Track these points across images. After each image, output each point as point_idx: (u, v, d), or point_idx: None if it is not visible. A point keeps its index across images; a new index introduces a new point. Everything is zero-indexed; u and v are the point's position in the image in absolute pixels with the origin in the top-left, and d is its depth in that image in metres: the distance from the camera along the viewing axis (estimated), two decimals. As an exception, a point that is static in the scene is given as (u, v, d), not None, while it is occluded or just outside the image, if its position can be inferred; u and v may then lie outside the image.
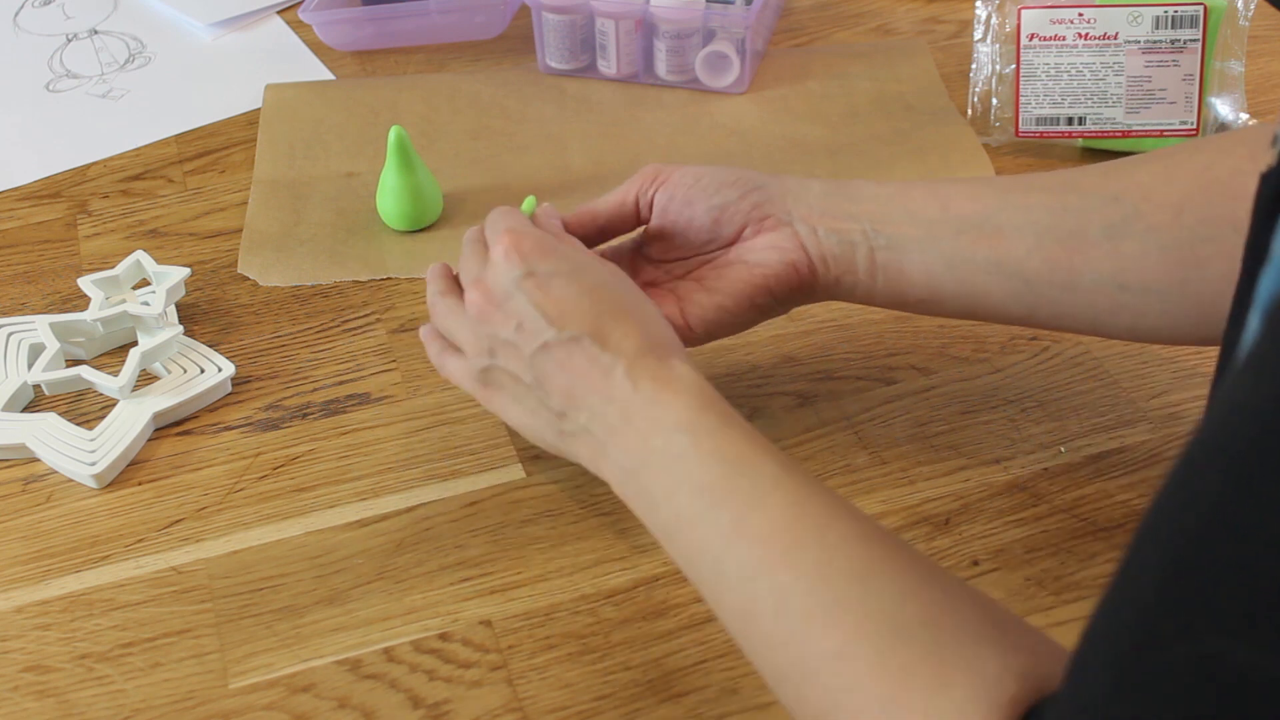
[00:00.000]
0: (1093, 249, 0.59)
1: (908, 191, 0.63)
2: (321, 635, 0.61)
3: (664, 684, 0.59)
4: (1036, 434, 0.70)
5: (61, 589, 0.64)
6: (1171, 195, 0.58)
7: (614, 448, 0.55)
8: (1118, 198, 0.59)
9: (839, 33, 1.04)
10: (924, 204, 0.62)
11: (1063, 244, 0.60)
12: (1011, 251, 0.60)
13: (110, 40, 1.07)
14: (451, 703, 0.58)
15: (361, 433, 0.71)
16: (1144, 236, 0.58)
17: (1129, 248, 0.59)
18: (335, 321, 0.78)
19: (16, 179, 0.92)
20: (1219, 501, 0.32)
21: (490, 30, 1.04)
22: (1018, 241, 0.60)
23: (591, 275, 0.58)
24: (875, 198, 0.63)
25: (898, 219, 0.62)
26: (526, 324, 0.57)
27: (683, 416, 0.53)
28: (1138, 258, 0.58)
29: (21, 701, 0.59)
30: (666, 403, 0.53)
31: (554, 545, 0.65)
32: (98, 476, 0.68)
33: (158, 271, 0.77)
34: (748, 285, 0.64)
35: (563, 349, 0.56)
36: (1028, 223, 0.60)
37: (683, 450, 0.52)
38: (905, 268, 0.62)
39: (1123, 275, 0.59)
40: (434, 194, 0.84)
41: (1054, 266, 0.60)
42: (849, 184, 0.64)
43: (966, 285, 0.62)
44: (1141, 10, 0.85)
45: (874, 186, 0.64)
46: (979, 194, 0.62)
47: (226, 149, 0.94)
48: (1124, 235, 0.59)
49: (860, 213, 0.63)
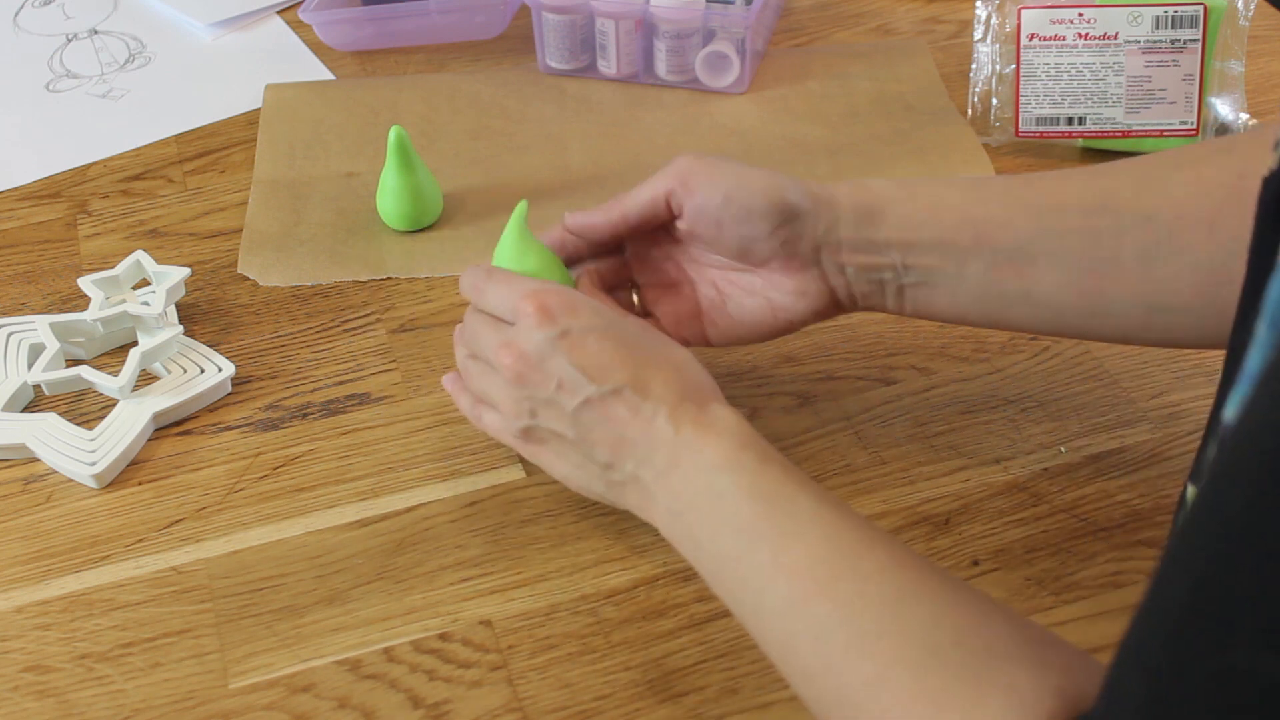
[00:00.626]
0: (1125, 275, 0.58)
1: (939, 214, 0.61)
2: (321, 635, 0.61)
3: (664, 684, 0.59)
4: (1036, 434, 0.70)
5: (61, 589, 0.64)
6: (1205, 210, 0.57)
7: (661, 492, 0.56)
8: (1151, 218, 0.58)
9: (839, 33, 1.04)
10: (956, 232, 0.60)
11: (1095, 272, 0.59)
12: (1042, 283, 0.60)
13: (110, 40, 1.07)
14: (451, 703, 0.58)
15: (361, 433, 0.71)
16: (1177, 257, 0.57)
17: (1162, 271, 0.58)
18: (335, 321, 0.78)
19: (16, 179, 0.92)
20: (1245, 517, 0.32)
21: (490, 30, 1.04)
22: (1049, 273, 0.60)
23: (622, 328, 0.58)
24: (907, 223, 0.61)
25: (928, 251, 0.61)
26: (566, 382, 0.57)
27: (723, 457, 0.54)
28: (1170, 280, 0.58)
29: (21, 701, 0.59)
30: (708, 445, 0.54)
31: (554, 545, 0.65)
32: (98, 476, 0.68)
33: (158, 271, 0.77)
34: (769, 324, 0.65)
35: (604, 403, 0.56)
36: (1061, 251, 0.59)
37: (724, 490, 0.53)
38: (934, 300, 0.62)
39: (1154, 298, 0.58)
40: (434, 194, 0.84)
41: (1085, 294, 0.60)
42: (881, 204, 0.61)
43: (994, 314, 0.62)
44: (1141, 10, 0.85)
45: (906, 206, 0.61)
46: (1013, 219, 0.60)
47: (226, 149, 0.94)
48: (1157, 258, 0.58)
49: (890, 242, 0.61)
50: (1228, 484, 0.34)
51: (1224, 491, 0.34)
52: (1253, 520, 0.32)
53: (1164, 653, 0.34)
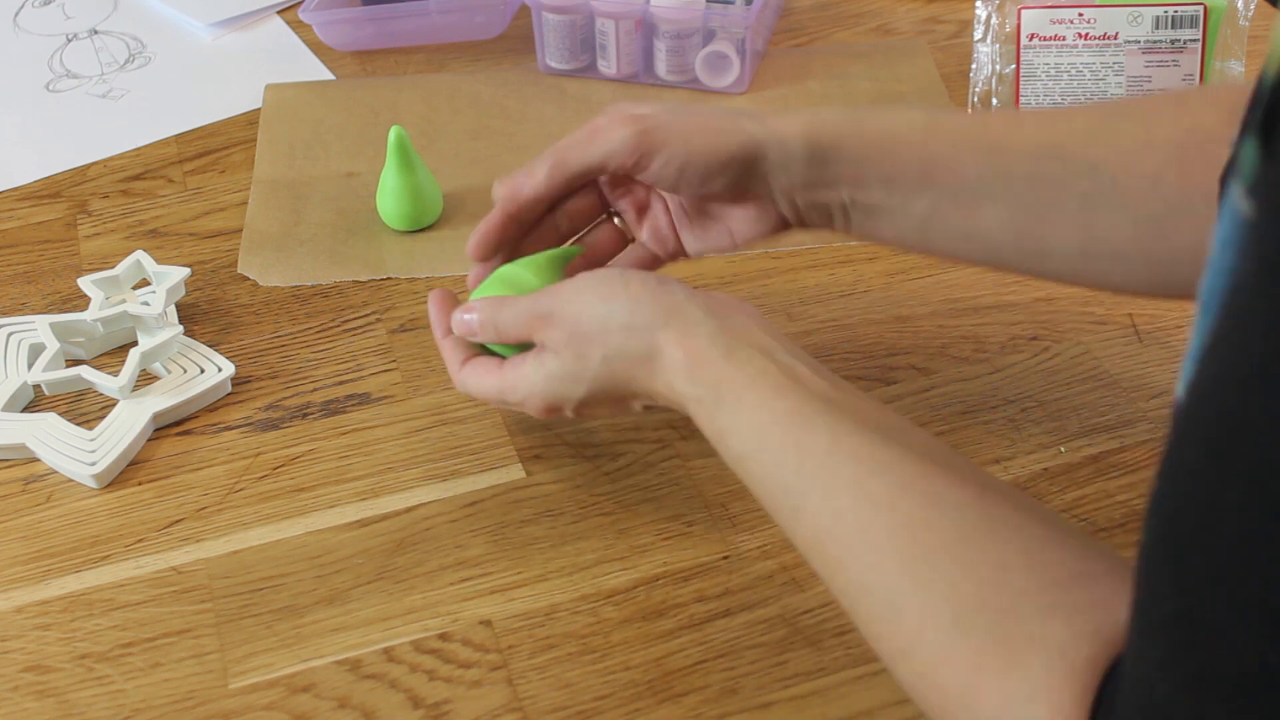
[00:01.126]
0: (1066, 220, 0.60)
1: (889, 151, 0.62)
2: (321, 635, 0.61)
3: (664, 684, 0.59)
4: (1036, 434, 0.70)
5: (61, 589, 0.64)
6: (1150, 164, 0.58)
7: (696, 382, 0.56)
8: (1096, 168, 0.59)
9: (839, 33, 1.04)
10: (904, 169, 0.61)
11: (1037, 216, 0.60)
12: (985, 222, 0.61)
13: (110, 40, 1.07)
14: (451, 703, 0.58)
15: (361, 433, 0.71)
16: (1118, 208, 0.59)
17: (1101, 220, 0.59)
18: (335, 321, 0.78)
19: (16, 179, 0.92)
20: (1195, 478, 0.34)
21: (490, 30, 1.04)
22: (992, 213, 0.61)
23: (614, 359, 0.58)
24: (857, 160, 0.62)
25: (876, 186, 0.62)
26: (584, 412, 0.61)
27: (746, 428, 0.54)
28: (1109, 229, 0.59)
29: (21, 701, 0.59)
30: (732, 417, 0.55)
31: (554, 545, 0.65)
32: (98, 476, 0.68)
33: (158, 271, 0.77)
34: (729, 243, 0.67)
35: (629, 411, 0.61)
36: (1006, 194, 0.60)
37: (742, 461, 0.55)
38: (880, 229, 0.64)
39: (1092, 245, 0.60)
40: (434, 194, 0.84)
41: (1024, 236, 0.61)
42: (832, 140, 0.62)
43: (935, 246, 0.64)
44: (1141, 10, 0.85)
45: (856, 142, 0.62)
46: (962, 160, 0.61)
47: (226, 149, 0.94)
48: (1098, 207, 0.59)
49: (840, 178, 0.62)
50: (1176, 457, 0.35)
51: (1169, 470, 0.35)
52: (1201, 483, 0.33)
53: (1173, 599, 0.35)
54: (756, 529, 0.65)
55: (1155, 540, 0.36)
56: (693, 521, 0.66)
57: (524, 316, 0.60)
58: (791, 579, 0.63)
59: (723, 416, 0.55)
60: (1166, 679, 0.35)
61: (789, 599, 0.62)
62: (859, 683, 0.58)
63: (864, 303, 0.78)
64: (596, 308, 0.58)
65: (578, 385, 0.59)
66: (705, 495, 0.67)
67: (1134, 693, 0.37)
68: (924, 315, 0.77)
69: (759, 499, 0.54)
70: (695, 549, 0.64)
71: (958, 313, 0.77)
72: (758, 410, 0.53)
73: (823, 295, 0.79)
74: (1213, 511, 0.33)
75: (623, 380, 0.58)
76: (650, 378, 0.57)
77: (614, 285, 0.58)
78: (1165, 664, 0.35)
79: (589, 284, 0.59)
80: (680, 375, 0.56)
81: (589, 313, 0.58)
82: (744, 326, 0.57)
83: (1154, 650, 0.36)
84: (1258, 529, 0.31)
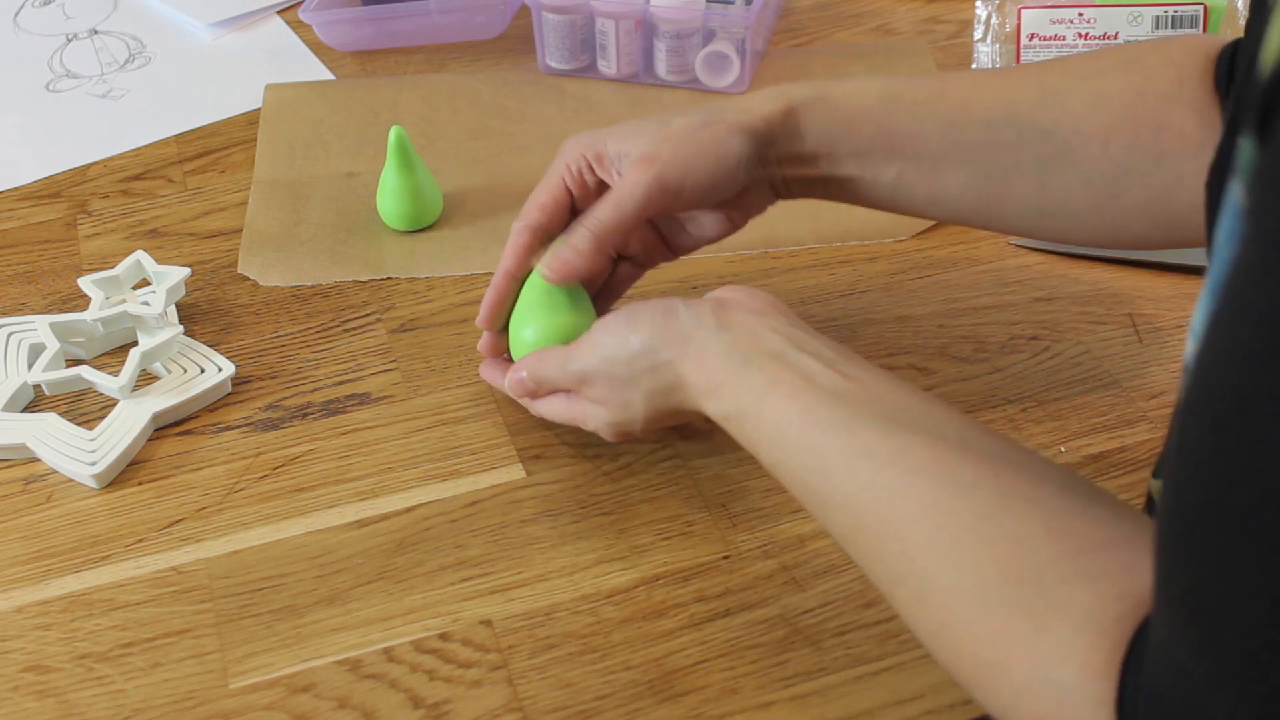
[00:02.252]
0: (1023, 182, 0.64)
1: (855, 126, 0.65)
2: (321, 635, 0.61)
3: (664, 684, 0.59)
4: (1036, 434, 0.70)
5: (62, 589, 0.64)
6: (1101, 126, 0.62)
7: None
8: (1050, 132, 0.62)
9: (839, 33, 1.04)
10: (871, 144, 0.65)
11: (995, 179, 0.64)
12: (947, 187, 0.65)
13: (110, 40, 1.07)
14: (452, 703, 0.58)
15: (361, 433, 0.71)
16: (1071, 170, 0.63)
17: (1056, 180, 0.63)
18: (335, 321, 0.78)
19: (16, 179, 0.92)
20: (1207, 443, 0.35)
21: (490, 30, 1.04)
22: (953, 179, 0.65)
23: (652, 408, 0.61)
24: (826, 136, 0.65)
25: (846, 160, 0.65)
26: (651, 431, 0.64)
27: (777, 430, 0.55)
28: (1063, 189, 0.63)
29: (22, 701, 0.59)
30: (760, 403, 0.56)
31: (554, 545, 0.65)
32: (98, 476, 0.68)
33: (158, 271, 0.77)
34: (727, 230, 0.69)
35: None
36: (966, 160, 0.64)
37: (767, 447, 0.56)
38: (854, 196, 0.68)
39: (1048, 204, 0.64)
40: (434, 194, 0.84)
41: (985, 198, 0.65)
42: (801, 116, 0.65)
43: (903, 208, 0.67)
44: (1141, 10, 0.85)
45: (823, 117, 0.65)
46: (923, 131, 0.64)
47: (226, 149, 0.94)
48: (1053, 169, 0.63)
49: (815, 154, 0.66)
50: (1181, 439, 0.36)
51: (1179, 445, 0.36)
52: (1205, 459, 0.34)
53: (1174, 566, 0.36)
54: (756, 529, 0.65)
55: (1169, 515, 0.37)
56: (693, 521, 0.66)
57: (563, 376, 0.63)
58: (792, 579, 0.63)
59: (750, 431, 0.56)
60: (1186, 642, 0.35)
61: (789, 599, 0.62)
62: (859, 682, 0.58)
63: (864, 303, 0.78)
64: (619, 358, 0.61)
65: (634, 423, 0.62)
66: (705, 495, 0.67)
67: (1159, 653, 0.38)
68: (924, 315, 0.77)
69: (801, 504, 0.55)
70: (695, 549, 0.64)
71: (958, 313, 0.77)
72: (776, 419, 0.55)
73: (823, 295, 0.79)
74: (1217, 487, 0.34)
75: (670, 408, 0.61)
76: (690, 402, 0.59)
77: (625, 331, 0.61)
78: (1185, 628, 0.36)
79: (604, 335, 0.62)
80: (707, 399, 0.58)
81: (614, 365, 0.61)
82: (753, 331, 0.58)
83: (1175, 615, 0.36)
84: (1259, 505, 0.32)
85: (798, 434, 0.54)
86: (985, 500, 0.47)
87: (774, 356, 0.56)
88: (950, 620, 0.46)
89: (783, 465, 0.55)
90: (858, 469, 0.51)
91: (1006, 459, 0.49)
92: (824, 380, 0.54)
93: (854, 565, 0.63)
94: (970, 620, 0.45)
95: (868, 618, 0.61)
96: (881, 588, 0.51)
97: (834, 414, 0.53)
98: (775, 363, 0.56)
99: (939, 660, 0.48)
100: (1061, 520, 0.45)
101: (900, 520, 0.49)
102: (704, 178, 0.64)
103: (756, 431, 0.56)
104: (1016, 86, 0.64)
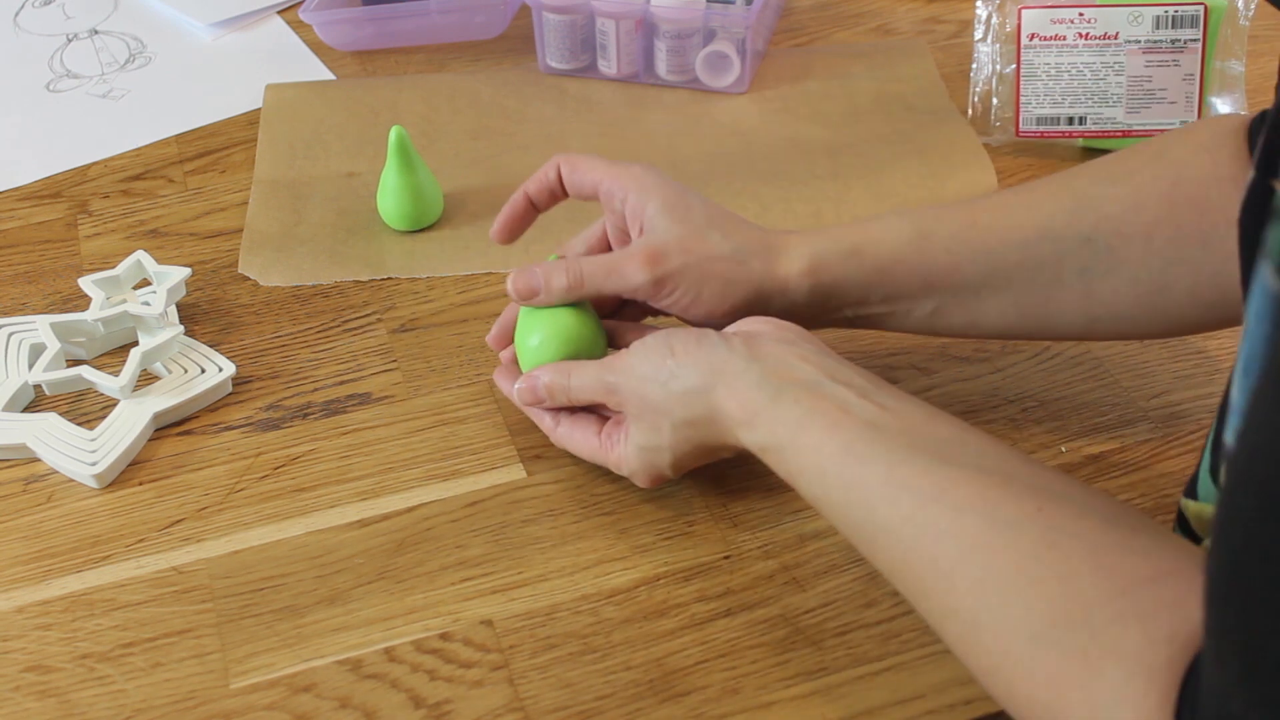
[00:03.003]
0: (1067, 293, 0.62)
1: (889, 273, 0.64)
2: (322, 635, 0.61)
3: (665, 684, 0.59)
4: (1036, 434, 0.70)
5: (62, 589, 0.64)
6: (1140, 225, 0.60)
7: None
8: (1090, 239, 0.61)
9: (839, 33, 1.04)
10: (904, 286, 0.64)
11: (1038, 297, 0.63)
12: (988, 312, 0.64)
13: (110, 40, 1.07)
14: (453, 703, 0.58)
15: (362, 433, 0.71)
16: (1116, 272, 0.61)
17: (1101, 285, 0.62)
18: (336, 321, 0.78)
19: (17, 179, 0.92)
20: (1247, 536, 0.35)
21: (490, 30, 1.04)
22: (994, 303, 0.63)
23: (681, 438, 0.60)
24: (857, 290, 0.64)
25: (878, 304, 0.65)
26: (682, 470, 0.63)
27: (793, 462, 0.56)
28: (1109, 293, 0.62)
29: (23, 701, 0.59)
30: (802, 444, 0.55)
31: (555, 545, 0.65)
32: (98, 476, 0.68)
33: (158, 271, 0.77)
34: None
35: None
36: (1005, 284, 0.63)
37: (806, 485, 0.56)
38: (885, 327, 0.67)
39: (1095, 310, 0.62)
40: (434, 194, 0.84)
41: (1029, 317, 0.64)
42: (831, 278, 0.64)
43: (941, 332, 0.66)
44: (1142, 10, 0.85)
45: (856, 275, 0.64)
46: (959, 265, 0.63)
47: (227, 149, 0.94)
48: (1096, 274, 0.61)
49: (842, 306, 0.65)
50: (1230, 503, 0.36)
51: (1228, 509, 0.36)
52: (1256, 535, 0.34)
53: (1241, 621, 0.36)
54: (757, 529, 0.65)
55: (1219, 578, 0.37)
56: (693, 521, 0.66)
57: (595, 385, 0.63)
58: (792, 579, 0.63)
59: (787, 462, 0.56)
60: (1240, 694, 0.36)
61: (790, 599, 0.62)
62: (860, 682, 0.58)
63: (864, 302, 0.78)
64: (652, 381, 0.60)
65: (661, 454, 0.61)
66: (705, 495, 0.67)
67: (1214, 701, 0.38)
68: (924, 315, 0.77)
69: (846, 537, 0.55)
70: (696, 549, 0.64)
71: (958, 312, 0.77)
72: (814, 452, 0.54)
73: (823, 295, 0.79)
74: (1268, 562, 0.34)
75: (699, 439, 0.60)
76: (722, 434, 0.59)
77: (661, 353, 0.60)
78: (1238, 683, 0.36)
79: (639, 356, 0.61)
80: (742, 429, 0.57)
81: (648, 387, 0.60)
82: (785, 361, 0.57)
83: (1227, 668, 0.36)
84: None
85: (837, 467, 0.53)
86: (1031, 538, 0.47)
87: (808, 388, 0.56)
88: (1002, 662, 0.46)
89: (823, 498, 0.55)
90: (900, 503, 0.51)
91: (1049, 491, 0.49)
92: (859, 411, 0.54)
93: (855, 565, 0.63)
94: (1021, 661, 0.45)
95: (869, 617, 0.61)
96: (930, 621, 0.51)
97: (872, 447, 0.53)
98: (810, 394, 0.55)
99: (993, 695, 0.48)
100: (1107, 555, 0.45)
101: (946, 559, 0.49)
102: (701, 297, 0.64)
103: (795, 463, 0.55)
104: (1047, 201, 0.63)
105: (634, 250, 0.64)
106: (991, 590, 0.47)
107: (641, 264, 0.64)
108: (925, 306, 0.64)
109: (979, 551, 0.48)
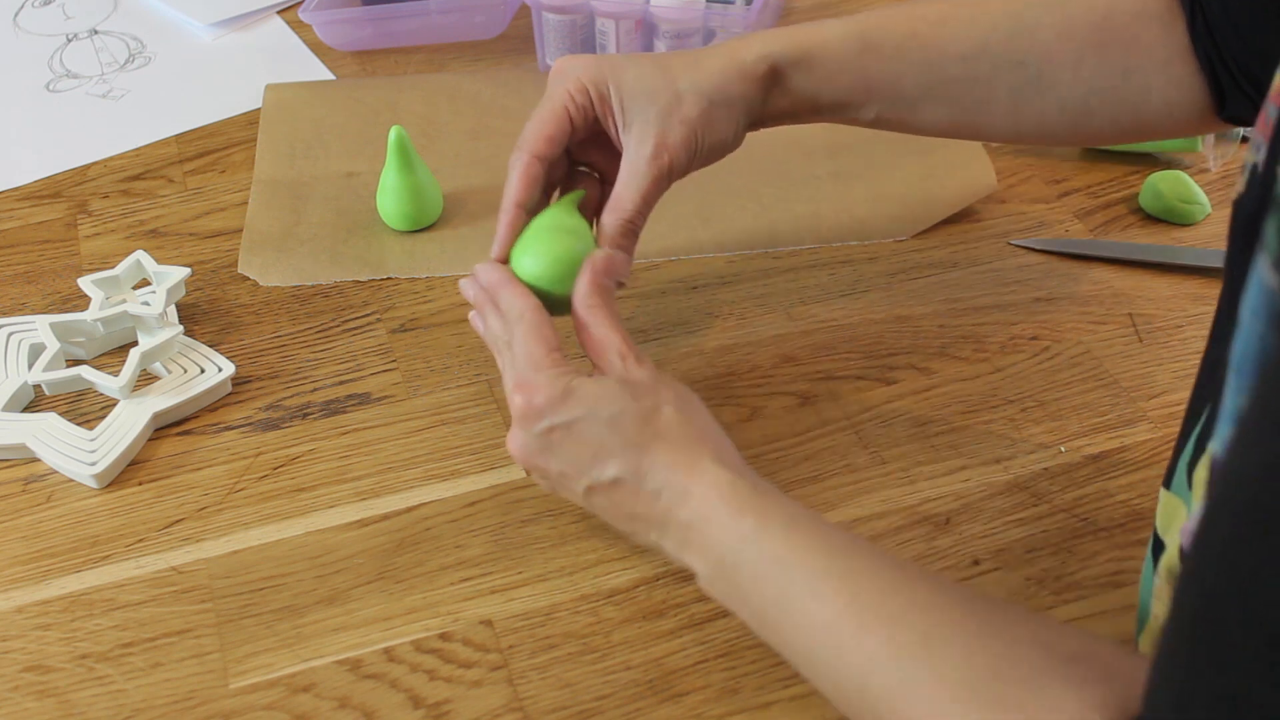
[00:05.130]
0: (998, 111, 0.67)
1: (836, 79, 0.67)
2: (322, 635, 0.61)
3: (664, 684, 0.59)
4: (1036, 434, 0.70)
5: (62, 589, 0.64)
6: (1070, 52, 0.64)
7: (687, 557, 0.56)
8: (1022, 63, 0.65)
9: (839, 33, 1.04)
10: (851, 92, 0.67)
11: (972, 110, 0.67)
12: (925, 121, 0.69)
13: (110, 40, 1.07)
14: (452, 702, 0.58)
15: (361, 432, 0.71)
16: (1044, 95, 0.66)
17: (1030, 107, 0.66)
18: (335, 321, 0.78)
19: (16, 179, 0.92)
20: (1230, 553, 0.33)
21: (490, 30, 1.04)
22: (931, 113, 0.68)
23: (609, 407, 0.57)
24: (808, 92, 0.67)
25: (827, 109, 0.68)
26: (568, 472, 0.58)
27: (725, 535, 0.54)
28: (1037, 114, 0.66)
29: (22, 701, 0.59)
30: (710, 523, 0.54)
31: (554, 545, 0.65)
32: (98, 476, 0.68)
33: (158, 271, 0.77)
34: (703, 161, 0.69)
35: (607, 490, 0.57)
36: (943, 95, 0.67)
37: (738, 562, 0.53)
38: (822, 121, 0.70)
39: (1023, 128, 0.67)
40: (434, 194, 0.84)
41: (962, 128, 0.69)
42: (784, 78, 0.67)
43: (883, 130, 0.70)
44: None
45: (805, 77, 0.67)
46: (901, 74, 0.67)
47: (226, 149, 0.94)
48: (1026, 96, 0.66)
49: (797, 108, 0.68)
50: (1215, 519, 0.35)
51: (1212, 526, 0.35)
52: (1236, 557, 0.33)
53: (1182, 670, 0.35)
54: (757, 529, 0.65)
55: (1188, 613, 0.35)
56: (693, 521, 0.66)
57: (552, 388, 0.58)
58: (792, 579, 0.63)
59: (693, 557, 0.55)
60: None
61: (789, 599, 0.62)
62: (859, 682, 0.58)
63: (864, 303, 0.78)
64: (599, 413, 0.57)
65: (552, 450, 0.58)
66: (705, 495, 0.67)
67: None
68: (924, 315, 0.77)
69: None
70: (695, 549, 0.64)
71: (958, 313, 0.77)
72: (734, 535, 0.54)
73: (823, 295, 0.79)
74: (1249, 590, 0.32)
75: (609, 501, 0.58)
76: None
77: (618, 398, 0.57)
78: None
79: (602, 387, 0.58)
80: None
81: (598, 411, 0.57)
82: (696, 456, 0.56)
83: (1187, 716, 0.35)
84: None
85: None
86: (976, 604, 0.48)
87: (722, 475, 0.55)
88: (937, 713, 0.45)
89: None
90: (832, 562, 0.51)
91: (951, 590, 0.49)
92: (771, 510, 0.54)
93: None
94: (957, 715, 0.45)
95: (868, 617, 0.61)
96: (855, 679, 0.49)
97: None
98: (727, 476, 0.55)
99: None
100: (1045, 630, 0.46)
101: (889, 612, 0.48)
102: (706, 159, 0.67)
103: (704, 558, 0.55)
104: (985, 22, 0.66)
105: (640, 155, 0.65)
106: (936, 641, 0.47)
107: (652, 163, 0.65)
108: (868, 113, 0.68)
109: (929, 609, 0.48)
